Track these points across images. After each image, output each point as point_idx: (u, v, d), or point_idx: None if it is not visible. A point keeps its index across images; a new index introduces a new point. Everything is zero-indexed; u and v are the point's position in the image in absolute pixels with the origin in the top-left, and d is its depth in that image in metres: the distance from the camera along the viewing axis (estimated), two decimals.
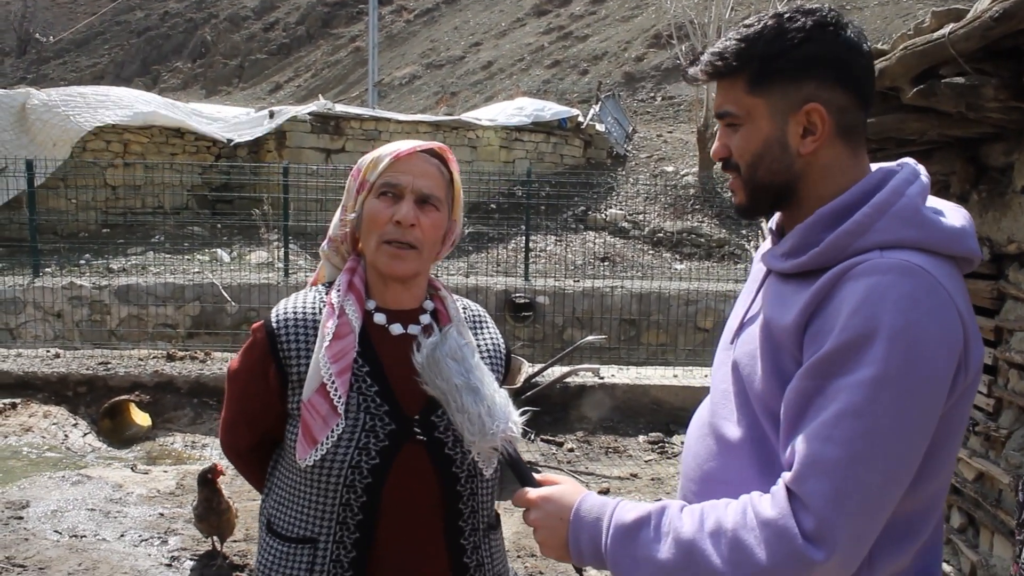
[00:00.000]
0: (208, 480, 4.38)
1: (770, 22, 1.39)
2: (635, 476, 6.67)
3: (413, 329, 1.80)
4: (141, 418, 7.70)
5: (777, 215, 1.54)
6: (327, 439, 1.67)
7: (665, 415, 7.93)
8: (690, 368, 9.15)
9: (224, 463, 5.33)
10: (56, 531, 4.80)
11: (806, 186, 1.41)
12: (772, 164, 1.40)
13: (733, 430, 1.42)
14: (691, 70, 1.48)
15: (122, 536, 4.81)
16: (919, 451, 1.25)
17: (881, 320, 1.21)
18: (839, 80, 1.38)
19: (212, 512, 4.37)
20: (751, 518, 1.24)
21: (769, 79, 1.38)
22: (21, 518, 4.95)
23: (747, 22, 1.43)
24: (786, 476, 1.24)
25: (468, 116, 16.97)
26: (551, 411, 7.72)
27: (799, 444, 1.24)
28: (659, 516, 1.33)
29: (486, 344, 1.93)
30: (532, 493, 1.46)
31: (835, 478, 1.19)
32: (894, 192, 1.34)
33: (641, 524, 1.34)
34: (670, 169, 17.44)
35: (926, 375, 1.22)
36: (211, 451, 7.09)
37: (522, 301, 10.89)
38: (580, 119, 17.58)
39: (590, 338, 7.64)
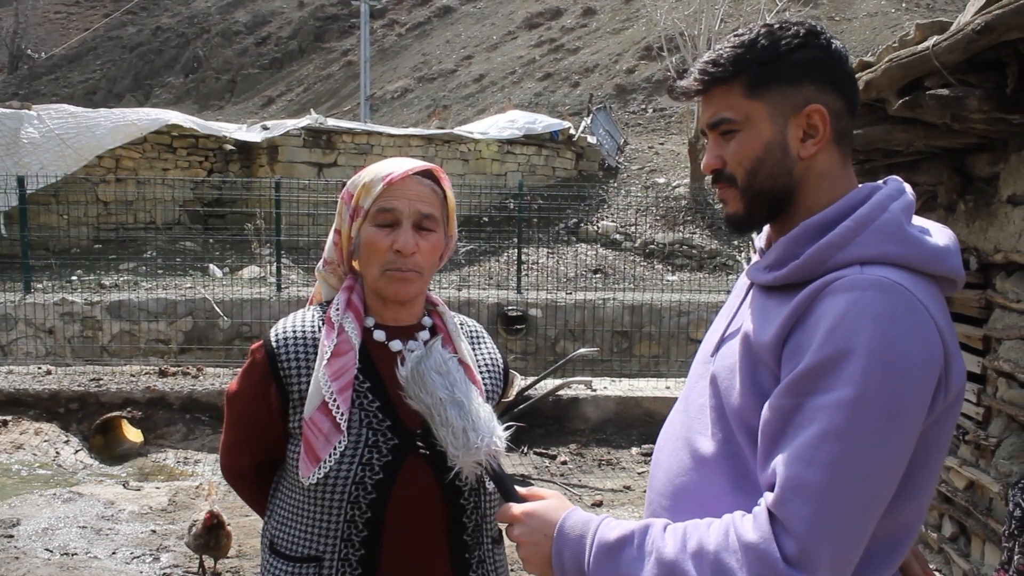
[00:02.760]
0: (211, 527, 4.35)
1: (763, 30, 1.40)
2: (628, 488, 6.67)
3: (412, 345, 1.80)
4: (133, 434, 7.68)
5: (766, 231, 1.53)
6: (330, 456, 1.67)
7: (658, 427, 7.83)
8: (683, 380, 9.13)
9: (217, 479, 5.33)
10: (47, 549, 4.77)
11: (802, 194, 1.40)
12: (773, 168, 1.39)
13: (707, 444, 1.41)
14: (681, 83, 1.45)
15: (114, 553, 4.78)
16: (899, 471, 1.25)
17: (859, 338, 1.20)
18: (833, 84, 1.39)
19: (213, 549, 4.36)
20: (733, 540, 1.22)
21: (768, 82, 1.38)
22: (12, 536, 4.93)
23: (738, 32, 1.43)
24: (768, 498, 1.22)
25: (460, 129, 16.99)
26: (544, 424, 7.72)
27: (780, 466, 1.22)
28: (642, 535, 1.31)
29: (484, 359, 1.93)
30: (516, 508, 1.44)
31: (817, 502, 1.18)
32: (877, 206, 1.33)
33: (624, 543, 1.31)
34: (662, 181, 17.49)
35: (904, 395, 1.21)
36: (203, 467, 7.07)
37: (515, 314, 10.89)
38: (572, 131, 17.61)
39: (583, 350, 7.66)
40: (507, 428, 1.61)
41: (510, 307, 10.93)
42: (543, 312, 10.95)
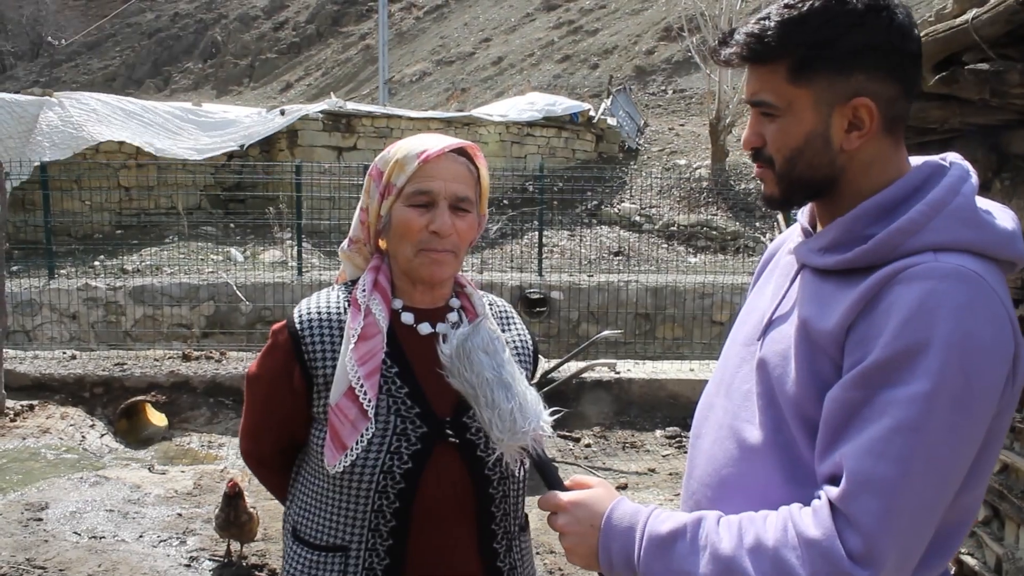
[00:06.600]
0: (231, 496, 4.34)
1: (817, 3, 1.25)
2: (653, 471, 6.64)
3: (441, 328, 1.72)
4: (157, 418, 7.73)
5: (808, 207, 1.45)
6: (357, 444, 1.61)
7: (682, 409, 7.89)
8: (706, 362, 9.10)
9: (242, 464, 5.34)
10: (75, 532, 4.80)
11: (846, 181, 1.31)
12: (813, 159, 1.30)
13: (755, 433, 1.34)
14: (724, 51, 1.33)
15: (141, 537, 4.81)
16: (968, 464, 1.20)
17: (936, 330, 1.15)
18: (889, 70, 1.27)
19: (233, 524, 4.36)
20: (792, 536, 1.18)
21: (815, 69, 1.26)
22: (40, 519, 4.96)
23: (789, 1, 1.28)
24: (831, 492, 1.18)
25: (479, 112, 16.93)
26: (567, 406, 7.70)
27: (847, 460, 1.17)
28: (695, 528, 1.26)
29: (514, 341, 1.87)
30: (563, 497, 1.38)
31: (887, 497, 1.14)
32: (950, 190, 1.25)
33: (676, 536, 1.26)
34: (682, 162, 17.37)
35: (979, 388, 1.16)
36: (228, 451, 7.11)
37: (536, 296, 10.86)
38: (591, 113, 17.50)
39: (605, 333, 7.61)
40: (553, 413, 1.54)
41: (531, 290, 10.90)
42: (564, 295, 10.91)
